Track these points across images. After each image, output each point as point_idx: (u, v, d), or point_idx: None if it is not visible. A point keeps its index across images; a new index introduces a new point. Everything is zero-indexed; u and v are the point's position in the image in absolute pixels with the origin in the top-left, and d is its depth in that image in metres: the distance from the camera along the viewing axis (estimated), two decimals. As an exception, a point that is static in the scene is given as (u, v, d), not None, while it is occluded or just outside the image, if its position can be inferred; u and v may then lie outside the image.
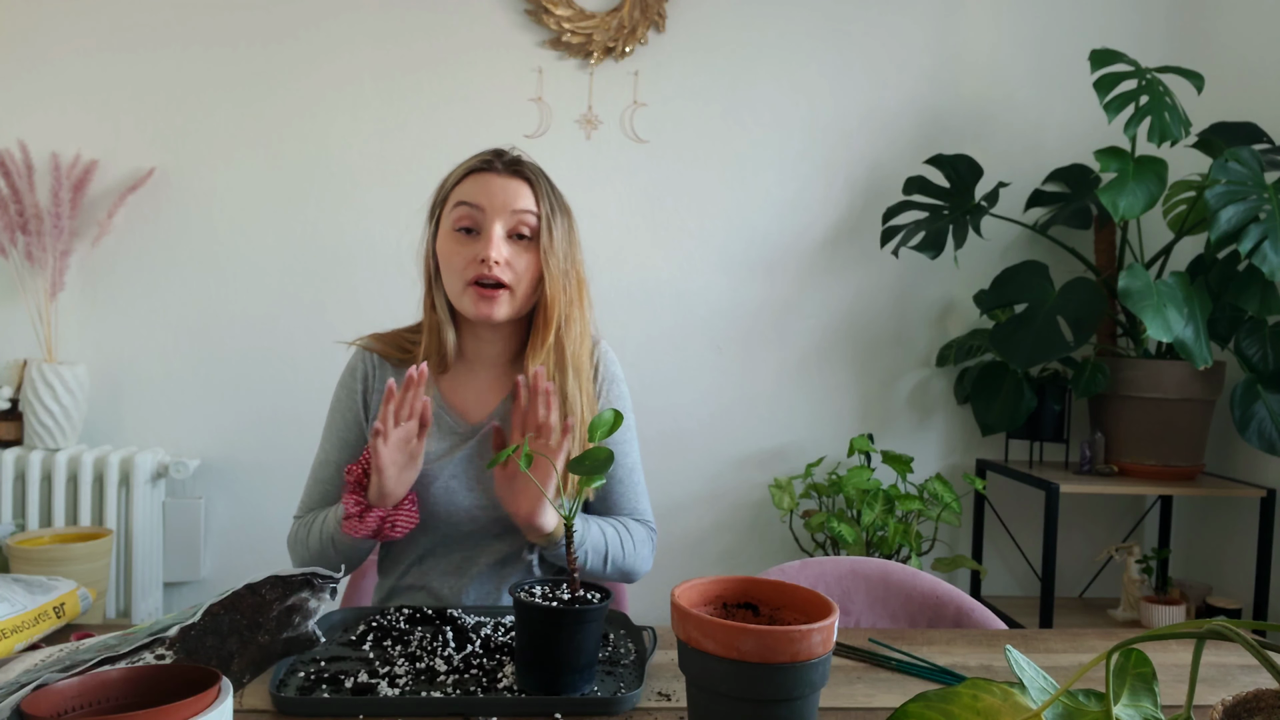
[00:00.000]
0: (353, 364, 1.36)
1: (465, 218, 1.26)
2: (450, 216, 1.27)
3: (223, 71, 2.50)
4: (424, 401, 1.17)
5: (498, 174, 1.28)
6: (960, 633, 1.20)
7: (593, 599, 0.95)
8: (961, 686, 0.63)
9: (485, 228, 1.25)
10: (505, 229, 1.26)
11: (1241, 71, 2.59)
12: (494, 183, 1.27)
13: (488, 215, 1.25)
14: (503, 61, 2.56)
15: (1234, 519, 2.59)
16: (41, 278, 2.39)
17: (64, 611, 1.06)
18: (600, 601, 0.94)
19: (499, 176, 1.27)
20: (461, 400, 1.34)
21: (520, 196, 1.27)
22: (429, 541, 1.32)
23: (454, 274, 1.26)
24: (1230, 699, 0.56)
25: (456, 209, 1.26)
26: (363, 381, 1.34)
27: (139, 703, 0.66)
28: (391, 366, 1.35)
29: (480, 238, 1.26)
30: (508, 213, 1.25)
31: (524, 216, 1.26)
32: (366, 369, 1.35)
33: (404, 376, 1.33)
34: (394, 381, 1.16)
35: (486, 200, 1.25)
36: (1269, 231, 2.05)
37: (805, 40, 2.65)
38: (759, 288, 2.67)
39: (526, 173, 1.29)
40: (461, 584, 1.31)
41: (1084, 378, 2.37)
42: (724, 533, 2.70)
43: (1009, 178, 2.65)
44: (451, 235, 1.27)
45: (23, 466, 2.35)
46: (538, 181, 1.29)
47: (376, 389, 1.34)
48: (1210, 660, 1.10)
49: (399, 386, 1.30)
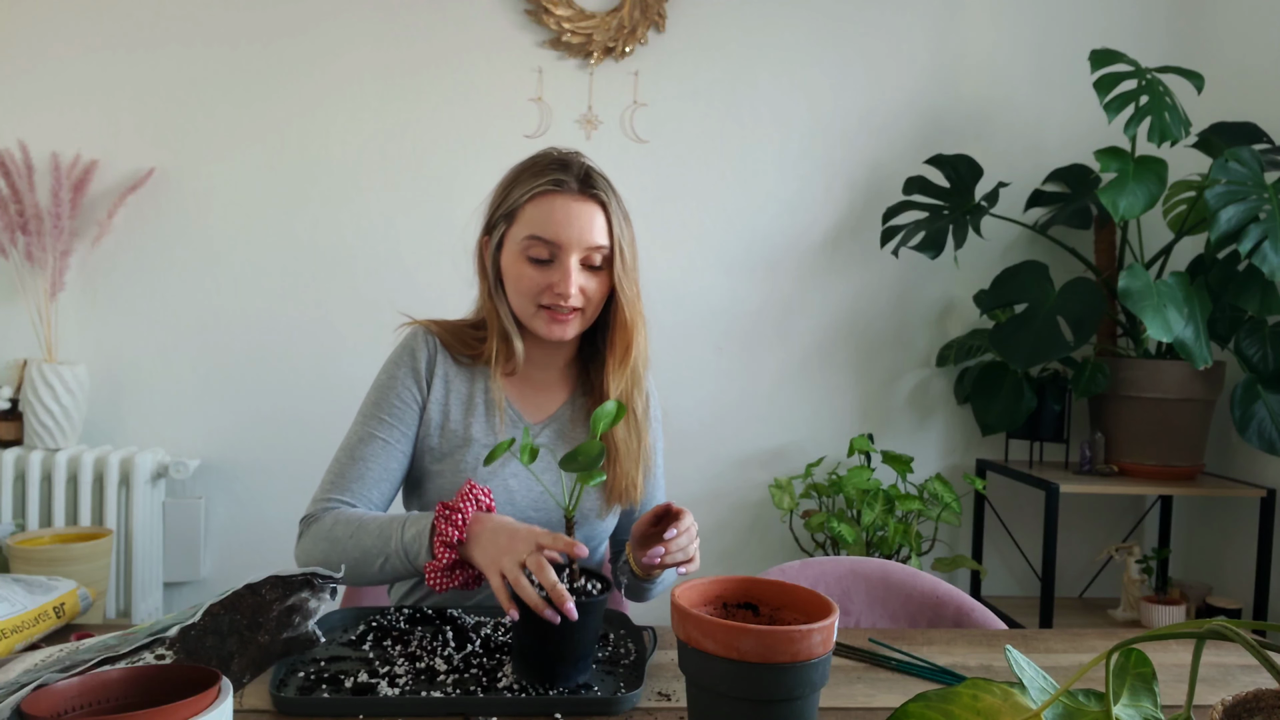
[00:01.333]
0: (412, 343, 1.32)
1: (539, 250, 1.24)
2: (520, 243, 1.24)
3: (223, 71, 2.50)
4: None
5: (572, 197, 1.24)
6: (960, 633, 1.20)
7: (593, 589, 0.95)
8: (961, 686, 0.63)
9: (560, 261, 1.23)
10: (580, 260, 1.25)
11: (1241, 71, 2.59)
12: (570, 211, 1.23)
13: (564, 250, 1.23)
14: (503, 61, 2.56)
15: (1234, 519, 2.58)
16: (41, 278, 2.39)
17: (64, 611, 1.06)
18: (601, 593, 0.94)
19: (574, 201, 1.24)
20: (522, 402, 1.34)
21: (595, 228, 1.24)
22: None
23: (525, 297, 1.25)
24: (1230, 699, 0.56)
25: (528, 241, 1.24)
26: (427, 361, 1.31)
27: (139, 703, 0.66)
28: (453, 359, 1.32)
29: (554, 268, 1.24)
30: (583, 247, 1.24)
31: (599, 250, 1.25)
32: (430, 351, 1.32)
33: (462, 369, 1.32)
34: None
35: (563, 236, 1.22)
36: (1269, 231, 2.05)
37: (805, 40, 2.65)
38: (759, 288, 2.67)
39: (600, 195, 1.26)
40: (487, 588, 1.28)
41: (1084, 378, 2.37)
42: (724, 533, 2.70)
43: (1009, 178, 2.65)
44: (522, 260, 1.25)
45: (23, 466, 2.35)
46: (609, 202, 1.27)
47: (439, 374, 1.31)
48: (1210, 660, 1.10)
49: (458, 378, 1.31)
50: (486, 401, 1.31)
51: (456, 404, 1.31)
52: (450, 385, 1.31)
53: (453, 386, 1.31)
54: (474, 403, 1.31)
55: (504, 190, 1.29)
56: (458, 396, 1.31)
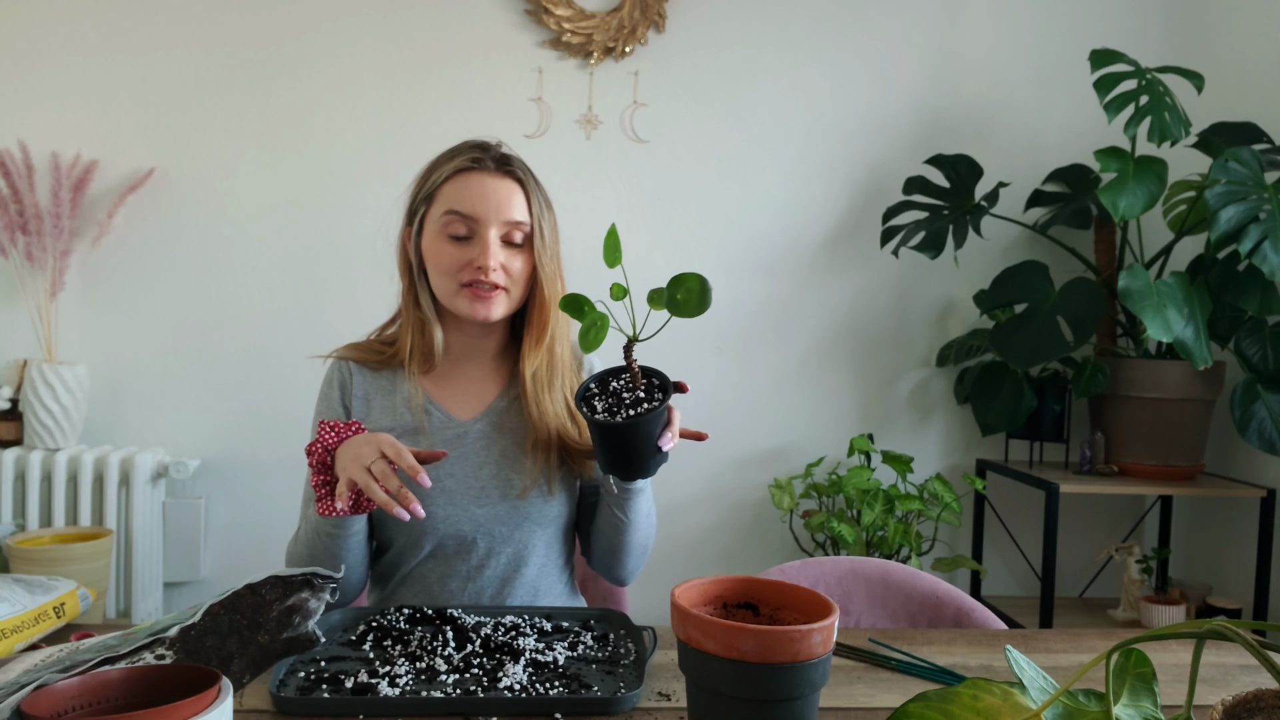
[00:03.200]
0: (329, 375, 1.35)
1: (458, 225, 1.24)
2: (439, 221, 1.25)
3: (223, 72, 2.50)
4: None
5: (489, 174, 1.25)
6: (960, 633, 1.20)
7: (645, 405, 1.09)
8: (961, 686, 0.63)
9: (479, 235, 1.24)
10: (499, 235, 1.25)
11: (1241, 71, 2.59)
12: (486, 186, 1.24)
13: (482, 224, 1.23)
14: (503, 62, 2.56)
15: (1234, 519, 2.59)
16: (41, 278, 2.39)
17: (64, 611, 1.06)
18: (650, 409, 1.07)
19: (490, 177, 1.25)
20: (449, 398, 1.33)
21: (513, 204, 1.25)
22: (427, 546, 1.27)
23: (446, 276, 1.25)
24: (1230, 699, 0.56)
25: (447, 216, 1.24)
26: (340, 389, 1.33)
27: (139, 703, 0.66)
28: (369, 370, 1.33)
29: (474, 244, 1.24)
30: (501, 221, 1.24)
31: (519, 226, 1.25)
32: (344, 376, 1.33)
33: (382, 380, 1.32)
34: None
35: (480, 209, 1.23)
36: (1269, 231, 2.05)
37: (805, 40, 2.65)
38: (759, 288, 2.67)
39: (517, 172, 1.27)
40: (464, 588, 1.28)
41: (1084, 378, 2.37)
42: (724, 533, 2.70)
43: (1009, 178, 2.65)
44: (441, 238, 1.25)
45: (23, 466, 2.35)
46: (527, 180, 1.28)
47: (357, 394, 1.32)
48: (1210, 660, 1.10)
49: (378, 391, 1.31)
50: (410, 406, 1.30)
51: (382, 415, 1.30)
52: (371, 400, 1.31)
53: (373, 401, 1.31)
54: (398, 410, 1.30)
55: (423, 176, 1.30)
56: (381, 408, 1.31)
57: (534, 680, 0.93)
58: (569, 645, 1.04)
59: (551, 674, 0.95)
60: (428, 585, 1.28)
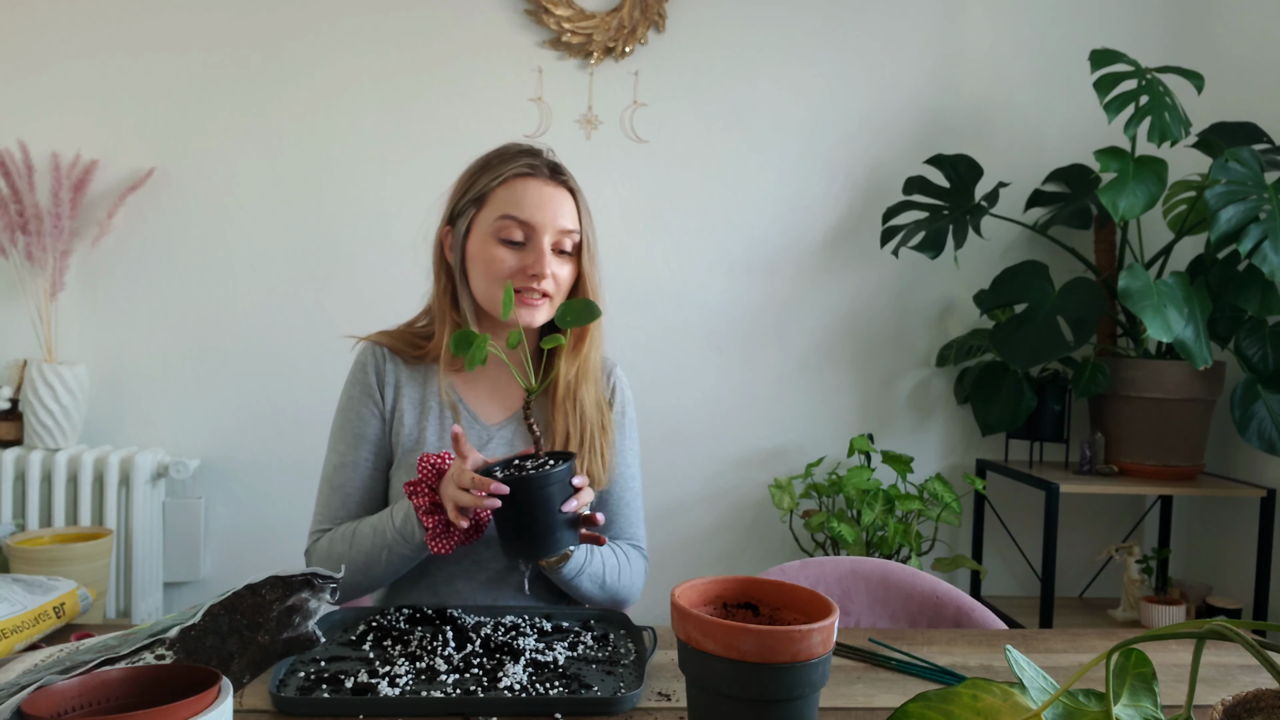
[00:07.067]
0: (362, 359, 1.34)
1: (514, 230, 1.24)
2: (492, 225, 1.25)
3: (223, 72, 2.50)
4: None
5: (545, 181, 1.27)
6: (960, 633, 1.20)
7: (549, 465, 1.07)
8: (961, 686, 0.63)
9: (534, 242, 1.25)
10: (551, 244, 1.26)
11: (1241, 71, 2.59)
12: (543, 194, 1.26)
13: (538, 231, 1.24)
14: (503, 61, 2.56)
15: (1234, 519, 2.59)
16: (41, 278, 2.39)
17: (64, 611, 1.06)
18: (554, 466, 1.06)
19: (546, 185, 1.26)
20: (477, 400, 1.33)
21: (566, 213, 1.27)
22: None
23: (495, 280, 1.25)
24: (1230, 699, 0.56)
25: (503, 221, 1.24)
26: (375, 374, 1.32)
27: (139, 703, 0.66)
28: (403, 362, 1.33)
29: (528, 250, 1.25)
30: (555, 229, 1.25)
31: (570, 235, 1.27)
32: (377, 361, 1.33)
33: (415, 372, 1.33)
34: (459, 428, 1.14)
35: (538, 217, 1.24)
36: (1269, 231, 2.05)
37: (805, 40, 2.65)
38: (759, 288, 2.67)
39: (569, 182, 1.29)
40: (470, 588, 1.28)
41: (1084, 378, 2.37)
42: (724, 533, 2.70)
43: (1009, 178, 2.65)
44: (493, 242, 1.25)
45: (23, 466, 2.35)
46: (576, 190, 1.29)
47: (389, 380, 1.32)
48: (1210, 660, 1.10)
49: (409, 382, 1.32)
50: (439, 402, 1.31)
51: (410, 408, 1.31)
52: (401, 390, 1.32)
53: (404, 391, 1.32)
54: (427, 405, 1.31)
55: (471, 177, 1.30)
56: (410, 401, 1.31)
57: (534, 680, 0.93)
58: (569, 645, 1.04)
59: (551, 674, 0.95)
60: (434, 585, 1.29)
